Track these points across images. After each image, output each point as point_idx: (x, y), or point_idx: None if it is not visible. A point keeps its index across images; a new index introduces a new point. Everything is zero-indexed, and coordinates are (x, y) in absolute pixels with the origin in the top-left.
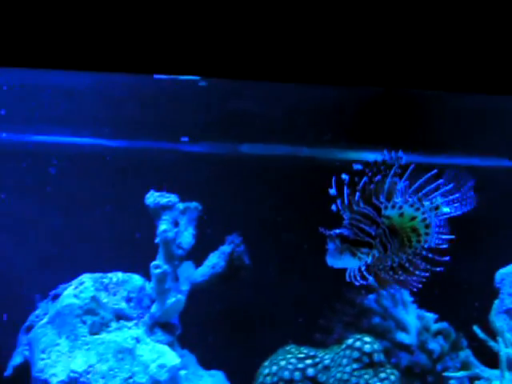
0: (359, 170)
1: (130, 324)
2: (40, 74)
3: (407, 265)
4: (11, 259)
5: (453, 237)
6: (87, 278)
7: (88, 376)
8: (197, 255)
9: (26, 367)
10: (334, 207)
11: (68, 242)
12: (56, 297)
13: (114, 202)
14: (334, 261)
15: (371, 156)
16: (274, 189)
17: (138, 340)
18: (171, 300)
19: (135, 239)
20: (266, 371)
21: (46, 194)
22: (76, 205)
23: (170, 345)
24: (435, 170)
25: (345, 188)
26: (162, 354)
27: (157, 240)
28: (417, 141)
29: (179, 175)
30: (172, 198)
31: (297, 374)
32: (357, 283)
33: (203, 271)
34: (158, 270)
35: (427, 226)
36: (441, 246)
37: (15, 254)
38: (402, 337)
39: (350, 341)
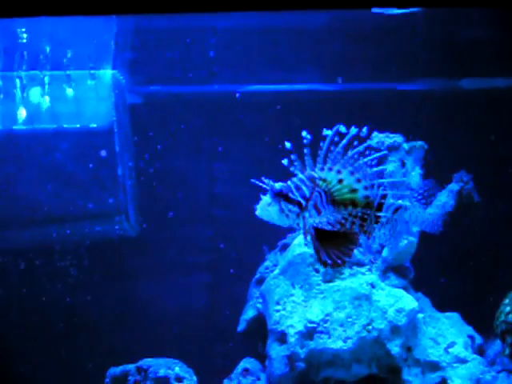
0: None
1: (363, 270)
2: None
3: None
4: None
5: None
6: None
7: (326, 325)
8: None
9: (259, 320)
10: (285, 162)
11: None
12: (285, 247)
13: None
14: (262, 212)
15: None
16: (497, 123)
17: (373, 285)
18: (403, 243)
19: None
20: (508, 309)
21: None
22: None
23: (405, 288)
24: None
25: (305, 148)
26: (398, 299)
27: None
28: None
29: (400, 114)
30: (397, 138)
31: None
32: (309, 248)
33: (433, 211)
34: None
35: (369, 205)
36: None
37: (237, 205)
38: None
39: None
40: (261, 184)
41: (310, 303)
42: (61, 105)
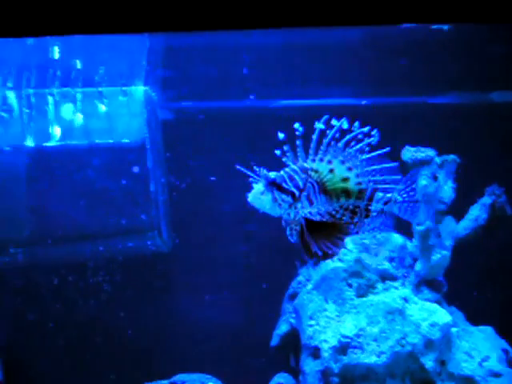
0: (320, 129)
1: (396, 284)
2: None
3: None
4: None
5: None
6: (348, 241)
7: (359, 340)
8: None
9: (293, 335)
10: (278, 152)
11: None
12: (317, 262)
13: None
14: (254, 200)
15: None
16: None
17: (406, 300)
18: (436, 256)
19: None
20: None
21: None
22: None
23: (438, 302)
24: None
25: (297, 140)
26: (432, 313)
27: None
28: None
29: (431, 128)
30: (429, 151)
31: None
32: (292, 240)
33: (465, 224)
34: (421, 227)
35: (361, 193)
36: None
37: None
38: None
39: None
40: (251, 173)
41: (344, 318)
42: (93, 121)
